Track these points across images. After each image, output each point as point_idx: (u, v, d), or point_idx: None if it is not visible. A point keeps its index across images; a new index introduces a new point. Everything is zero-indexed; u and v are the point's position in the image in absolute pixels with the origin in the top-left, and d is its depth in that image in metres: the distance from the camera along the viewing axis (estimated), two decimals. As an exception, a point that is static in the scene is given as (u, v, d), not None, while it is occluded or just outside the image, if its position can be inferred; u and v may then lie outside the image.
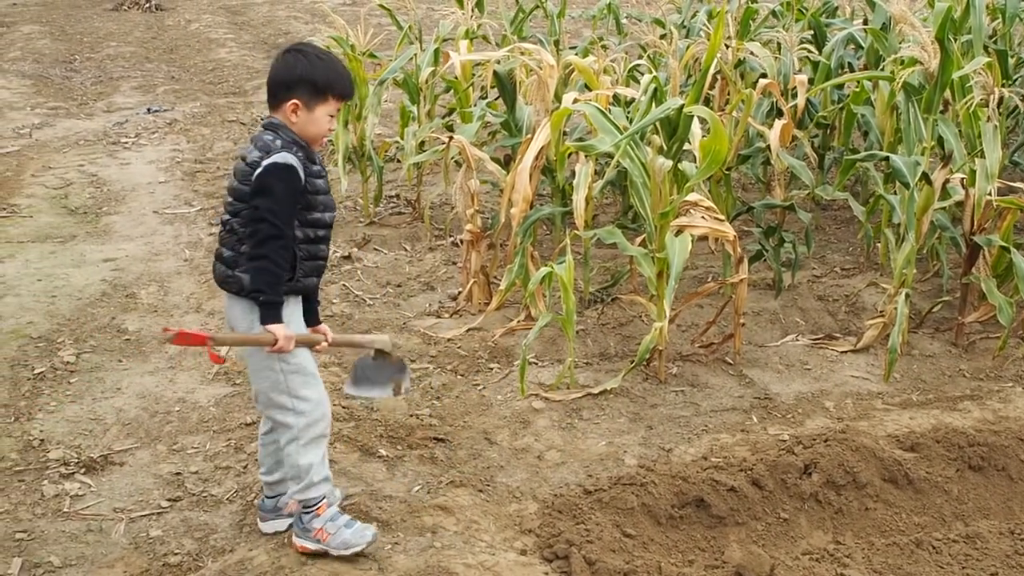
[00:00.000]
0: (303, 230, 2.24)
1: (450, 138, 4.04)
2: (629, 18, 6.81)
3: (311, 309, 2.38)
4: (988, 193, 3.33)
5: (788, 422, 3.09)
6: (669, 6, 6.65)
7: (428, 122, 5.00)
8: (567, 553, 2.36)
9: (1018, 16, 4.64)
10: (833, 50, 4.69)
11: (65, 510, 2.56)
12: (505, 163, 4.34)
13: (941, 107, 3.52)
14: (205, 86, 8.42)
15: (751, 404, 3.22)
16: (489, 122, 4.59)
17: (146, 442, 2.91)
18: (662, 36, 5.37)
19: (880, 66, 4.42)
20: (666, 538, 2.54)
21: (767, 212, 4.40)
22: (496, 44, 5.79)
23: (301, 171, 2.18)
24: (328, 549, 2.29)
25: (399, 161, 5.57)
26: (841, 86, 4.68)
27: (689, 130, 3.22)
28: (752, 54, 4.46)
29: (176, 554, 2.39)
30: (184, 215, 5.07)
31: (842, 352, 3.60)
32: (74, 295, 3.97)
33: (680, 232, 3.21)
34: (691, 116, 3.16)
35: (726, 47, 4.46)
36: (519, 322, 3.69)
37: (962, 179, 3.51)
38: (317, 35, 5.76)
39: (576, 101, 3.52)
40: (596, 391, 3.22)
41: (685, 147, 3.29)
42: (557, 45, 5.76)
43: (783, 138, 3.93)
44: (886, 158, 3.60)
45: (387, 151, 5.33)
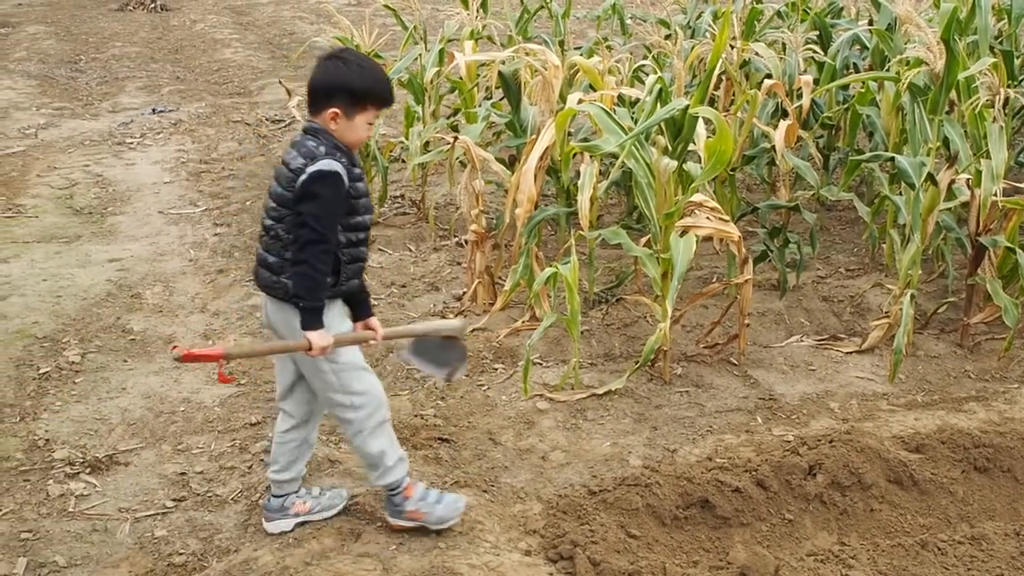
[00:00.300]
0: (345, 234, 2.26)
1: (455, 138, 4.04)
2: (634, 19, 6.81)
3: (361, 302, 2.40)
4: (994, 194, 3.32)
5: (793, 423, 3.09)
6: (674, 7, 6.65)
7: (433, 122, 5.01)
8: (571, 554, 2.36)
9: (1024, 16, 4.62)
10: (838, 51, 4.69)
11: (70, 510, 2.57)
12: (510, 163, 4.34)
13: (947, 108, 3.51)
14: (210, 86, 8.44)
15: (756, 405, 3.21)
16: (494, 122, 4.59)
17: (151, 442, 2.91)
18: (667, 37, 5.37)
19: (885, 67, 4.41)
20: (671, 539, 2.54)
21: (772, 213, 4.39)
22: (501, 44, 5.79)
23: (345, 177, 2.20)
24: (426, 525, 2.39)
25: (404, 161, 5.58)
26: (846, 87, 4.68)
27: (694, 131, 3.22)
28: (757, 55, 4.46)
29: (181, 554, 2.40)
30: (189, 215, 5.08)
31: (847, 353, 3.60)
32: (79, 295, 3.98)
33: (685, 233, 3.21)
34: (696, 117, 3.16)
35: (731, 48, 4.46)
36: (524, 322, 3.69)
37: (968, 180, 3.50)
38: (322, 35, 5.77)
39: (581, 101, 3.52)
40: (601, 392, 3.22)
41: (690, 148, 3.29)
42: (562, 45, 5.76)
43: (788, 139, 3.93)
44: (891, 159, 3.59)
45: (392, 151, 5.34)
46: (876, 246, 4.38)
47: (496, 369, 3.44)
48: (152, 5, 12.99)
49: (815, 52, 4.75)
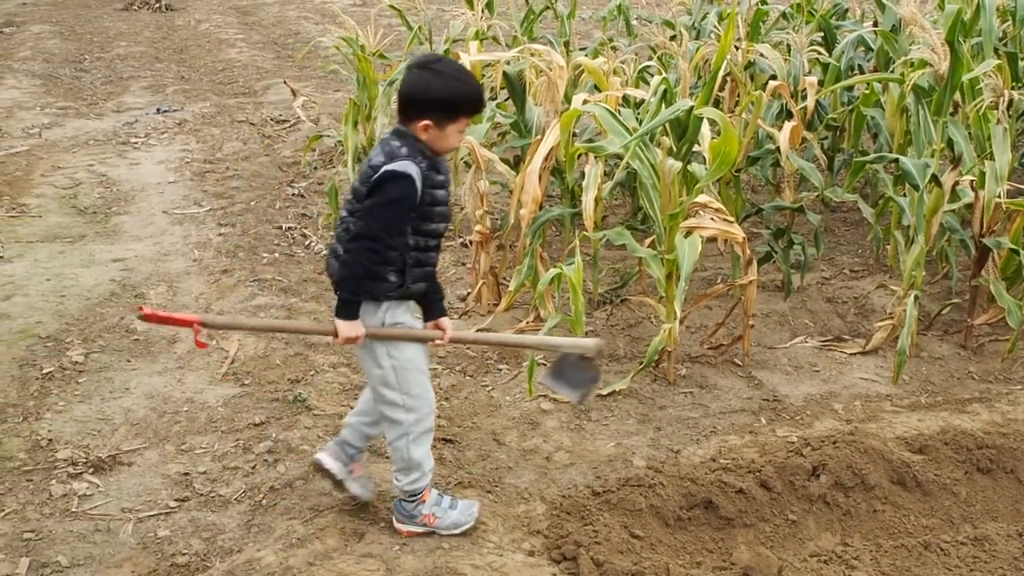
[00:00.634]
0: (415, 238, 2.27)
1: (459, 139, 4.04)
2: (639, 19, 6.80)
3: (433, 301, 2.42)
4: (998, 195, 3.31)
5: (797, 424, 3.09)
6: (679, 8, 6.64)
7: (436, 123, 5.00)
8: (575, 554, 2.36)
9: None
10: (843, 52, 4.68)
11: (73, 510, 2.57)
12: (515, 164, 4.34)
13: (951, 109, 3.51)
14: (215, 86, 8.45)
15: (760, 406, 3.21)
16: (499, 123, 4.59)
17: (154, 442, 2.92)
18: (672, 38, 5.37)
19: (890, 68, 4.40)
20: (674, 539, 2.54)
21: (776, 214, 4.39)
22: (506, 45, 5.79)
23: (419, 182, 2.21)
24: (437, 531, 2.40)
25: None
26: (851, 88, 4.67)
27: (699, 132, 3.21)
28: (762, 56, 4.45)
29: (184, 554, 2.40)
30: (193, 215, 5.09)
31: (851, 354, 3.59)
32: (83, 295, 3.99)
33: (689, 234, 3.20)
34: (700, 118, 3.16)
35: (736, 49, 4.45)
36: (528, 323, 3.69)
37: (972, 181, 3.50)
38: (327, 36, 5.78)
39: (586, 102, 3.51)
40: (605, 392, 3.22)
41: (695, 149, 3.29)
42: (567, 46, 5.76)
43: (793, 140, 3.92)
44: (895, 160, 3.59)
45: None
46: (880, 247, 4.38)
47: (500, 370, 3.44)
48: (157, 5, 13.01)
49: (820, 53, 4.74)
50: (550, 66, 3.92)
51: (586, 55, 4.96)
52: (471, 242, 4.04)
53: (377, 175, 2.20)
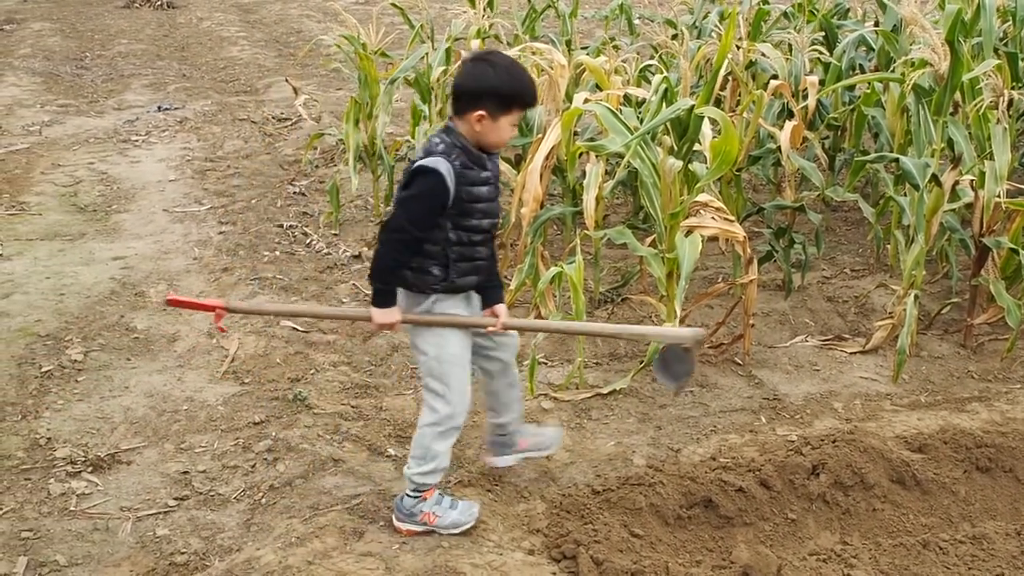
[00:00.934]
0: (457, 233, 2.31)
1: (459, 138, 4.03)
2: (642, 18, 6.80)
3: (491, 289, 2.46)
4: (997, 195, 3.31)
5: (797, 423, 3.09)
6: (681, 7, 6.64)
7: (439, 121, 5.00)
8: (575, 553, 2.36)
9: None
10: (844, 51, 4.68)
11: (71, 509, 2.57)
12: (516, 163, 4.34)
13: (951, 109, 3.50)
14: (216, 84, 8.45)
15: (760, 405, 3.21)
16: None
17: (153, 441, 2.92)
18: (674, 37, 5.36)
19: (891, 68, 4.40)
20: (674, 538, 2.54)
21: (777, 213, 4.39)
22: (507, 44, 5.79)
23: (450, 178, 2.24)
24: (436, 530, 2.41)
25: (410, 160, 5.57)
26: (852, 88, 4.66)
27: (699, 131, 3.21)
28: (763, 55, 4.45)
29: (183, 553, 2.40)
30: (194, 213, 5.09)
31: (851, 353, 3.59)
32: (83, 293, 3.99)
33: (690, 233, 3.20)
34: (701, 117, 3.16)
35: (737, 48, 4.45)
36: (527, 322, 3.69)
37: (971, 181, 3.49)
38: (329, 34, 5.78)
39: (587, 101, 3.51)
40: (605, 391, 3.22)
41: (695, 148, 3.29)
42: (569, 45, 5.75)
43: (794, 139, 3.92)
44: (896, 160, 3.58)
45: (398, 150, 5.34)
46: (881, 247, 4.37)
47: (499, 368, 3.44)
48: (159, 2, 13.00)
49: (821, 53, 4.74)
50: (551, 65, 3.92)
51: (588, 54, 4.95)
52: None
53: (411, 168, 2.28)
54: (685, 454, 2.87)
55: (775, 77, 4.39)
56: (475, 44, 4.99)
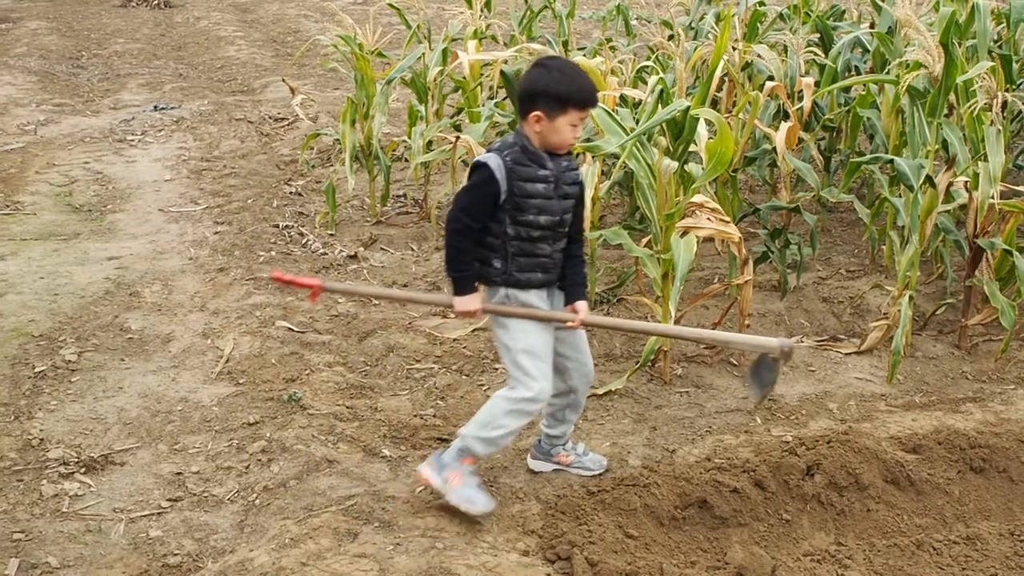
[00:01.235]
0: (515, 228, 2.42)
1: (457, 138, 4.04)
2: (639, 19, 6.80)
3: (572, 286, 2.54)
4: (991, 196, 3.32)
5: (792, 423, 3.09)
6: (678, 8, 6.64)
7: (436, 121, 5.00)
8: (569, 554, 2.36)
9: (1023, 21, 4.62)
10: (839, 53, 4.68)
11: (64, 510, 2.56)
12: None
13: (946, 111, 3.51)
14: (213, 84, 8.44)
15: (756, 405, 3.21)
16: (497, 122, 4.59)
17: (147, 442, 2.91)
18: (670, 38, 5.36)
19: (886, 70, 4.40)
20: (668, 539, 2.54)
21: (773, 214, 4.39)
22: (504, 44, 5.79)
23: (499, 173, 2.37)
24: (448, 493, 2.47)
25: (407, 160, 5.58)
26: (847, 89, 4.67)
27: (695, 132, 3.21)
28: (760, 57, 4.45)
29: (176, 555, 2.39)
30: (190, 213, 5.08)
31: (846, 354, 3.60)
32: (77, 293, 3.98)
33: (686, 233, 3.21)
34: (697, 118, 3.16)
35: (733, 50, 4.46)
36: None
37: (966, 182, 3.50)
38: (326, 34, 5.77)
39: (581, 102, 3.51)
40: (601, 392, 3.22)
41: (691, 149, 3.29)
42: (566, 46, 5.76)
43: (789, 140, 3.93)
44: (891, 161, 3.59)
45: (394, 150, 5.33)
46: (876, 248, 4.38)
47: (496, 369, 3.44)
48: (155, 2, 12.98)
49: (816, 55, 4.75)
50: (547, 65, 3.91)
51: (584, 55, 4.95)
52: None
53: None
54: (680, 455, 2.87)
55: (771, 78, 4.40)
56: (471, 45, 4.99)
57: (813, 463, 2.72)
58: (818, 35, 5.06)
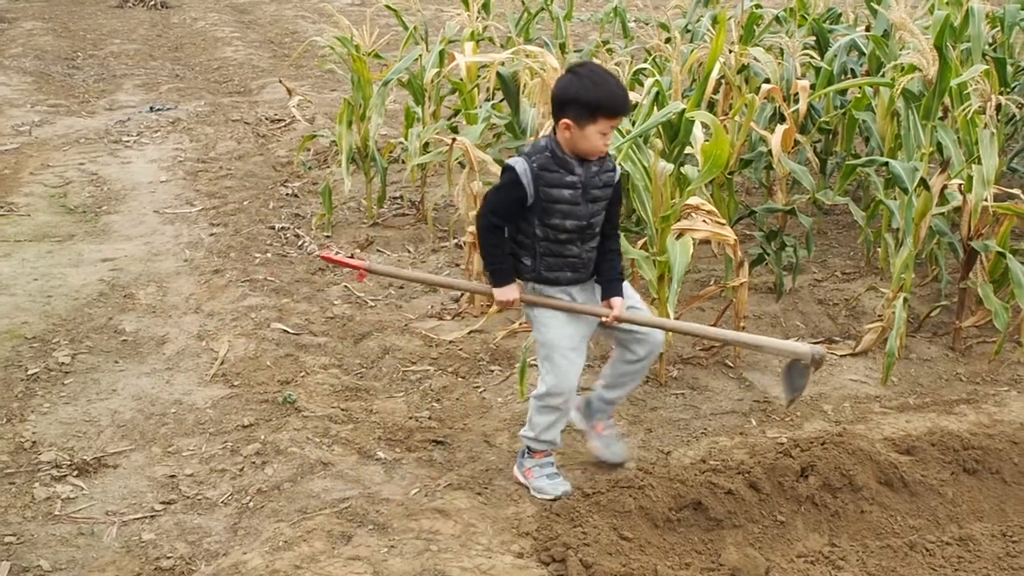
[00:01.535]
0: (543, 229, 2.50)
1: (453, 139, 4.04)
2: (637, 22, 6.81)
3: (609, 282, 2.61)
4: (985, 199, 3.32)
5: (786, 425, 3.09)
6: (676, 10, 6.66)
7: (433, 123, 5.00)
8: (564, 556, 2.36)
9: (1017, 25, 4.63)
10: (835, 56, 4.69)
11: (56, 513, 2.55)
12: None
13: (940, 114, 3.52)
14: (210, 85, 8.43)
15: (750, 407, 3.22)
16: (494, 124, 4.59)
17: (141, 444, 2.90)
18: (667, 40, 5.37)
19: (881, 72, 4.41)
20: (663, 541, 2.54)
21: (769, 216, 4.39)
22: (501, 46, 5.79)
23: (525, 177, 2.44)
24: (529, 486, 2.65)
25: (403, 162, 5.58)
26: (843, 92, 4.68)
27: (690, 134, 3.22)
28: (756, 59, 4.46)
29: (168, 558, 2.38)
30: (185, 215, 5.07)
31: (841, 356, 3.60)
32: (71, 295, 3.97)
33: (681, 236, 3.21)
34: (692, 120, 3.16)
35: (730, 52, 4.46)
36: (520, 324, 3.69)
37: (960, 185, 3.51)
38: (323, 35, 5.77)
39: (577, 104, 3.51)
40: (594, 394, 3.21)
41: (687, 151, 3.29)
42: (563, 48, 5.76)
43: (785, 143, 3.93)
44: (886, 164, 3.60)
45: (391, 152, 5.33)
46: (871, 250, 4.39)
47: (492, 371, 3.44)
48: (152, 2, 12.96)
49: (812, 57, 4.76)
50: (544, 67, 3.92)
51: (582, 57, 4.96)
52: (465, 243, 4.03)
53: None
54: (675, 456, 2.88)
55: (767, 81, 4.41)
56: (468, 47, 4.99)
57: (807, 465, 2.72)
58: (814, 38, 5.07)
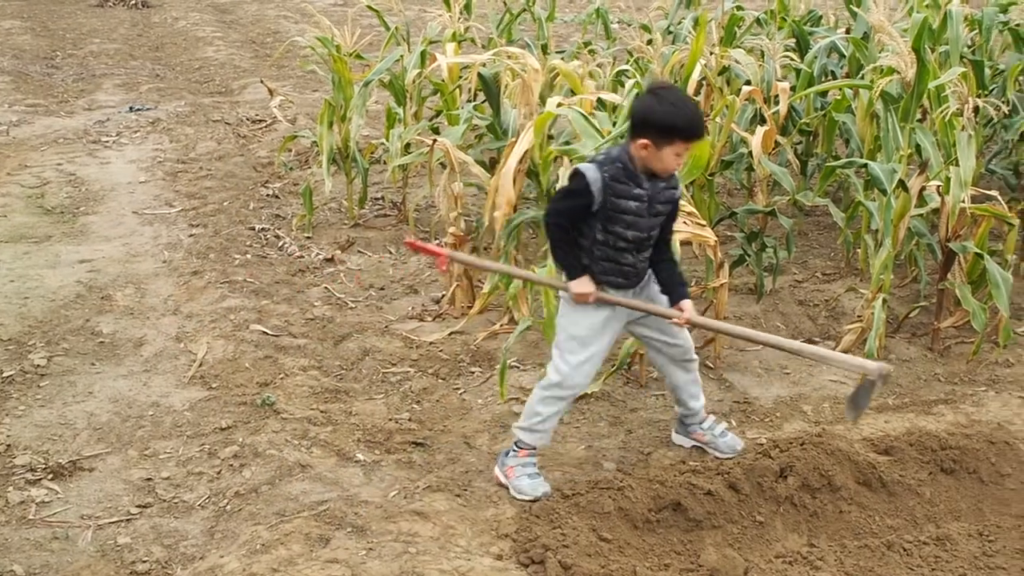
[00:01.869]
0: (604, 235, 2.57)
1: (435, 140, 4.02)
2: (620, 23, 6.82)
3: (672, 288, 2.69)
4: (962, 201, 3.35)
5: (766, 426, 3.11)
6: (658, 12, 6.68)
7: (414, 124, 4.98)
8: (543, 558, 2.36)
9: (995, 28, 4.68)
10: (815, 58, 4.72)
11: (30, 517, 2.52)
12: (491, 166, 4.33)
13: (919, 116, 3.55)
14: (190, 85, 8.36)
15: (730, 408, 3.22)
16: (476, 125, 4.58)
17: (117, 447, 2.87)
18: (649, 42, 5.38)
19: (860, 74, 4.45)
20: (642, 542, 2.54)
21: (749, 217, 4.41)
22: (483, 47, 5.78)
23: (595, 185, 2.50)
24: (509, 486, 2.66)
25: (384, 163, 5.56)
26: (824, 93, 4.71)
27: (671, 135, 3.22)
28: (736, 61, 4.48)
29: (144, 562, 2.35)
30: (164, 216, 5.02)
31: (821, 357, 3.62)
32: (47, 296, 3.92)
33: (661, 237, 3.21)
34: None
35: (711, 54, 4.48)
36: (502, 326, 3.68)
37: (938, 187, 3.54)
38: (305, 35, 5.73)
39: (560, 105, 3.51)
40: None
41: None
42: (545, 49, 5.76)
43: (766, 144, 3.95)
44: (865, 165, 3.62)
45: (372, 153, 5.31)
46: (851, 251, 4.42)
47: (473, 372, 3.43)
48: (133, 1, 12.84)
49: (793, 59, 4.78)
50: (525, 69, 3.92)
51: (563, 58, 4.96)
52: (445, 244, 4.02)
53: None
54: (655, 457, 2.88)
55: (748, 83, 4.42)
56: (450, 48, 4.98)
57: (786, 465, 2.73)
58: (795, 40, 5.10)
